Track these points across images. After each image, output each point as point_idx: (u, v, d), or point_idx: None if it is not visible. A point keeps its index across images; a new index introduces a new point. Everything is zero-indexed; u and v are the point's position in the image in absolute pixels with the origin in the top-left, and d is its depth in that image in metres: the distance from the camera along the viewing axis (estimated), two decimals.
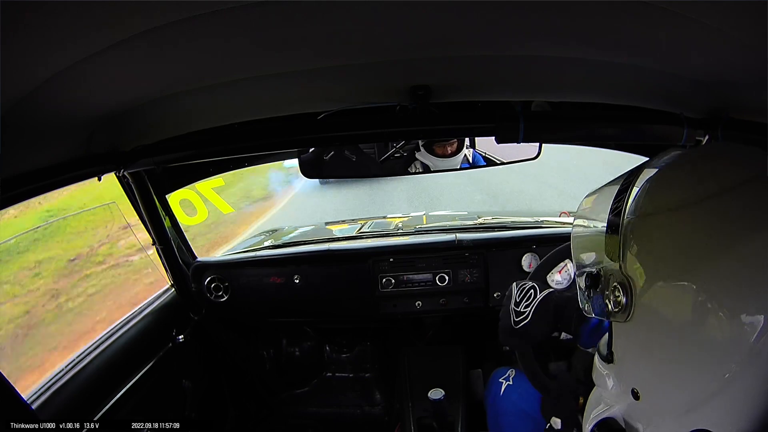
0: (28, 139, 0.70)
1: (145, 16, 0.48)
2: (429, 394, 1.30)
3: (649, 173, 0.55)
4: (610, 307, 0.55)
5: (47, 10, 0.43)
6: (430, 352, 1.73)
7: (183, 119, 0.97)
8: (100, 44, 0.52)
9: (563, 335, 0.95)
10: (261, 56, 0.67)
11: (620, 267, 0.53)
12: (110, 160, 0.97)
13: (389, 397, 1.90)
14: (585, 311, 0.63)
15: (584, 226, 0.64)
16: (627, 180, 0.57)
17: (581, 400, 0.86)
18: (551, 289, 0.92)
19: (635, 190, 0.54)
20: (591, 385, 0.85)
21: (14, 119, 0.59)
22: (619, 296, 0.53)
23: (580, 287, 0.63)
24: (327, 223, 2.26)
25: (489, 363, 1.70)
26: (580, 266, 0.63)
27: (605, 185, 0.62)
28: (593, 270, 0.58)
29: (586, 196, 0.66)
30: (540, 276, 1.11)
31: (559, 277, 1.53)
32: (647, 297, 0.51)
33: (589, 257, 0.61)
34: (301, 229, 2.22)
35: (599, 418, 0.59)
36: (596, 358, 0.63)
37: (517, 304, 0.92)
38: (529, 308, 0.90)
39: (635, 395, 0.55)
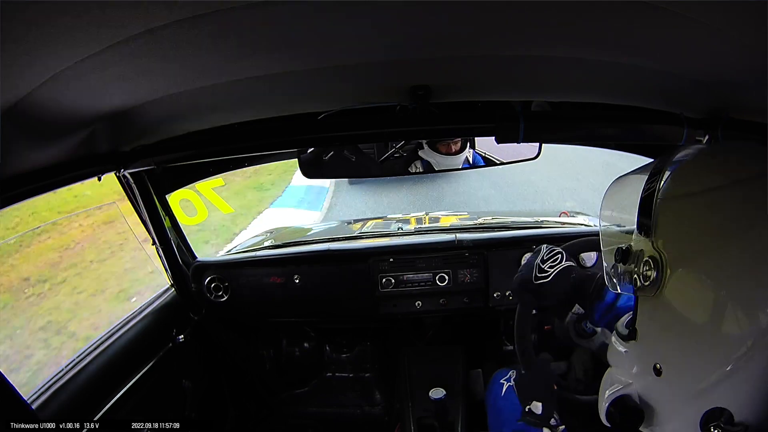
0: (28, 139, 0.70)
1: (145, 16, 0.48)
2: (430, 393, 1.30)
3: (682, 157, 0.58)
4: (639, 282, 0.56)
5: (47, 11, 0.43)
6: (430, 352, 1.73)
7: (183, 119, 0.97)
8: (99, 44, 0.52)
9: (575, 309, 0.96)
10: (261, 56, 0.67)
11: (652, 243, 0.55)
12: (110, 160, 0.97)
13: (389, 397, 1.90)
14: (611, 288, 0.64)
15: (615, 205, 0.67)
16: (660, 162, 0.59)
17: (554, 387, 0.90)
18: (574, 264, 0.93)
19: (668, 171, 0.57)
20: (590, 384, 0.86)
21: (14, 119, 0.59)
22: (649, 270, 0.55)
23: (607, 264, 0.65)
24: (349, 222, 2.24)
25: (489, 363, 1.70)
26: (608, 243, 0.65)
27: (634, 171, 0.64)
28: (623, 245, 0.60)
29: (615, 180, 0.68)
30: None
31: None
32: (677, 273, 0.52)
33: (619, 233, 0.63)
34: (318, 228, 2.19)
35: (615, 396, 0.60)
36: (613, 338, 0.65)
37: (543, 262, 0.93)
38: (553, 269, 0.92)
39: (657, 371, 0.56)
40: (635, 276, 0.57)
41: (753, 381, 0.47)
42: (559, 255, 0.93)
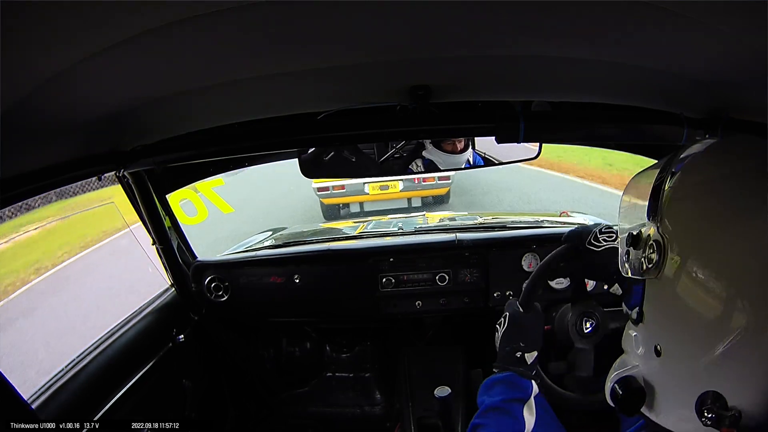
0: (28, 139, 0.70)
1: (145, 16, 0.48)
2: (435, 392, 1.29)
3: (692, 152, 0.61)
4: (645, 265, 0.60)
5: (47, 10, 0.43)
6: (430, 352, 1.73)
7: (183, 119, 0.97)
8: (100, 44, 0.52)
9: (614, 289, 0.98)
10: (261, 56, 0.67)
11: (657, 227, 0.58)
12: (110, 160, 0.97)
13: (389, 396, 1.90)
14: (623, 272, 0.67)
15: (632, 193, 0.70)
16: (673, 154, 0.63)
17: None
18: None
19: (678, 164, 0.60)
20: (589, 384, 0.85)
21: (14, 119, 0.59)
22: (652, 253, 0.58)
23: (621, 250, 0.67)
24: (323, 224, 2.26)
25: (489, 363, 1.70)
26: (623, 231, 0.68)
27: (652, 165, 0.67)
28: (634, 231, 0.63)
29: (635, 175, 0.71)
30: (540, 280, 1.06)
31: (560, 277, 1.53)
32: (675, 255, 0.55)
33: (633, 220, 0.66)
34: (318, 228, 2.21)
35: (621, 376, 0.63)
36: (628, 324, 0.67)
37: (600, 233, 0.91)
38: (606, 243, 0.90)
39: (657, 352, 0.59)
40: (642, 260, 0.60)
41: (745, 366, 0.48)
42: (614, 233, 0.92)
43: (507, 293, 1.56)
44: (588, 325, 0.96)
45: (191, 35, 0.54)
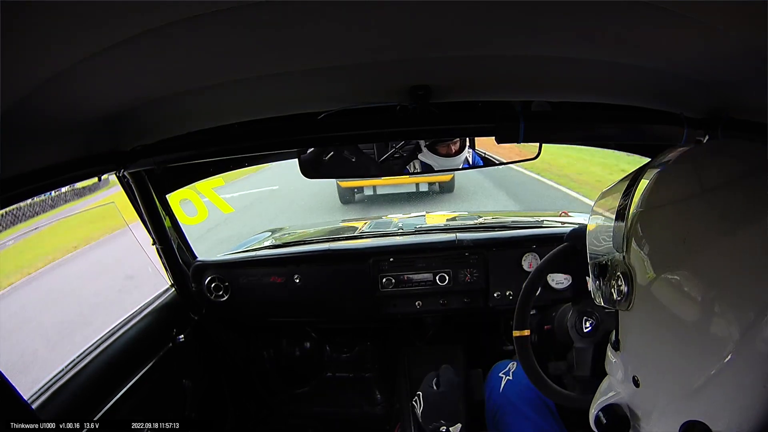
0: (28, 139, 0.70)
1: (145, 16, 0.48)
2: None
3: (655, 170, 0.58)
4: (614, 295, 0.58)
5: (47, 10, 0.43)
6: (430, 352, 1.73)
7: (183, 119, 0.97)
8: (100, 44, 0.52)
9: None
10: (261, 56, 0.67)
11: (623, 257, 0.56)
12: (110, 160, 0.97)
13: (389, 396, 1.90)
14: (595, 301, 0.65)
15: (597, 220, 0.67)
16: (635, 176, 0.60)
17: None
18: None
19: (642, 184, 0.57)
20: (589, 384, 0.85)
21: (14, 119, 0.59)
22: (621, 285, 0.56)
23: (591, 277, 0.65)
24: (343, 221, 2.26)
25: (490, 363, 1.70)
26: (592, 257, 0.66)
27: (619, 181, 0.64)
28: (602, 260, 0.61)
29: (602, 193, 0.69)
30: (540, 278, 1.09)
31: (560, 277, 1.53)
32: (645, 287, 0.53)
33: (599, 248, 0.64)
34: (318, 228, 2.21)
35: (605, 404, 0.62)
36: (608, 347, 0.65)
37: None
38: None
39: (635, 383, 0.57)
40: (611, 290, 0.58)
41: (729, 393, 0.47)
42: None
43: (507, 293, 1.56)
44: (587, 324, 0.96)
45: (191, 35, 0.54)
